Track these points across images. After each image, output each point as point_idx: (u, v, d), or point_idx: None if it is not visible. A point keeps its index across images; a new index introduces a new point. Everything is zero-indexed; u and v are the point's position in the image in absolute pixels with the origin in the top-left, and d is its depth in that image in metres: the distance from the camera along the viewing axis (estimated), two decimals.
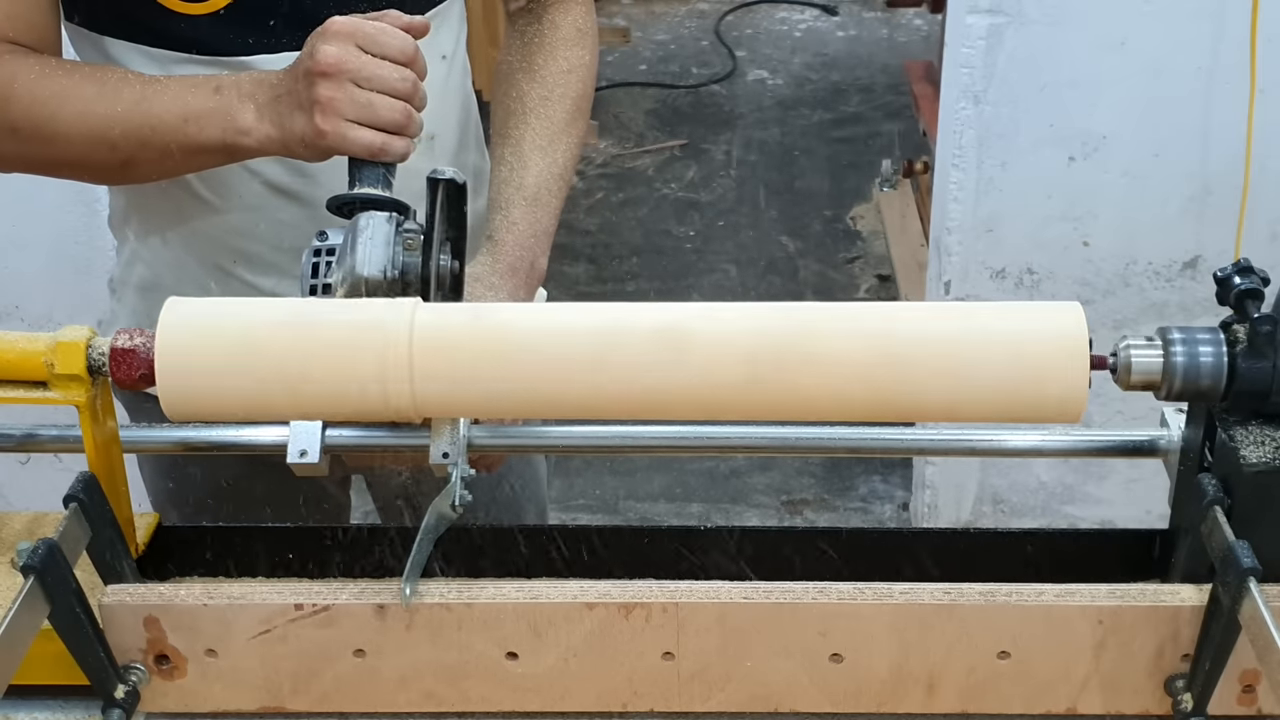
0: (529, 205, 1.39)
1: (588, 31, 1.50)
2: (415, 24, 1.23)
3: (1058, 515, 2.66)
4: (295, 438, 1.07)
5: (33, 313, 2.37)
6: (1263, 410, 0.98)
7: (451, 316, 0.98)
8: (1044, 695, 1.02)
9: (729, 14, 5.49)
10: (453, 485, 1.04)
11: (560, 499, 3.12)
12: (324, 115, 1.18)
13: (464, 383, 0.96)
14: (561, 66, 1.46)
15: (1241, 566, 0.92)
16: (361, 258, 1.12)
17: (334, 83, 1.17)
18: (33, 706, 1.06)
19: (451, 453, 1.05)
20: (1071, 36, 2.21)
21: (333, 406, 0.97)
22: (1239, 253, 2.22)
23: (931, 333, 0.95)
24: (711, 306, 0.98)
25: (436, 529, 1.05)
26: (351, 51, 1.18)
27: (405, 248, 1.13)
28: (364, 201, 1.17)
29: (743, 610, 1.00)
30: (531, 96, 1.44)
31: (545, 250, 1.41)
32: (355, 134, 1.18)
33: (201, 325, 0.97)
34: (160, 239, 1.45)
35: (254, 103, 1.22)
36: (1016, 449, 1.12)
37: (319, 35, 1.19)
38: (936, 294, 2.48)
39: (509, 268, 1.36)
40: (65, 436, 1.10)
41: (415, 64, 1.21)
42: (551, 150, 1.42)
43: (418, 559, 1.02)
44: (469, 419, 1.08)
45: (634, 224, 4.19)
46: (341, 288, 1.11)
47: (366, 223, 1.14)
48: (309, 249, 1.15)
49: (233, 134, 1.23)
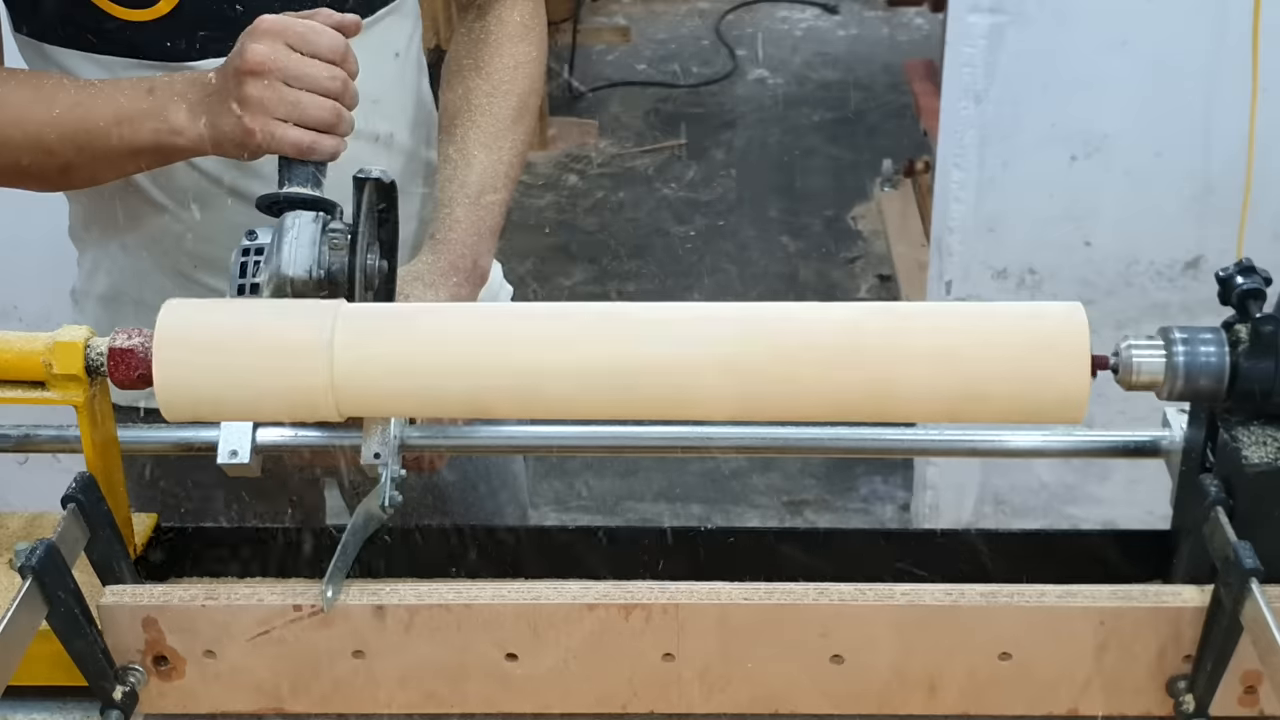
0: (472, 204, 1.38)
1: (534, 27, 1.49)
2: (346, 22, 1.22)
3: (1059, 516, 2.66)
4: (225, 438, 1.07)
5: (31, 313, 2.37)
6: (1265, 410, 0.98)
7: (373, 316, 0.98)
8: (1045, 696, 1.02)
9: (729, 13, 5.49)
10: (382, 485, 1.05)
11: (560, 499, 3.12)
12: (252, 114, 1.17)
13: (381, 381, 0.96)
14: (507, 63, 1.45)
15: (1243, 567, 0.91)
16: (287, 257, 1.11)
17: (262, 81, 1.17)
18: (31, 707, 1.06)
19: (383, 453, 1.06)
20: (1073, 36, 2.21)
21: (271, 407, 0.97)
22: (1241, 252, 2.22)
23: (932, 333, 0.95)
24: (653, 306, 0.98)
25: (365, 529, 1.05)
26: (280, 50, 1.17)
27: (331, 247, 1.12)
28: (292, 200, 1.17)
29: (743, 611, 0.99)
30: (477, 93, 1.43)
31: (490, 249, 1.40)
32: (284, 132, 1.18)
33: (200, 325, 0.97)
34: (120, 246, 1.45)
35: (186, 103, 1.22)
36: (1018, 449, 1.12)
37: (248, 34, 1.19)
38: (938, 294, 2.48)
39: (450, 266, 1.35)
40: (63, 437, 1.10)
41: (346, 62, 1.20)
42: (496, 147, 1.41)
43: (342, 560, 1.02)
44: (403, 419, 1.08)
45: (634, 224, 4.19)
46: (267, 288, 1.11)
47: (293, 222, 1.14)
48: (238, 248, 1.14)
49: (166, 134, 1.23)
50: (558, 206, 4.30)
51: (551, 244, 4.11)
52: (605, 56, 5.21)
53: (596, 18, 5.29)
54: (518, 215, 4.26)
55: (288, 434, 1.10)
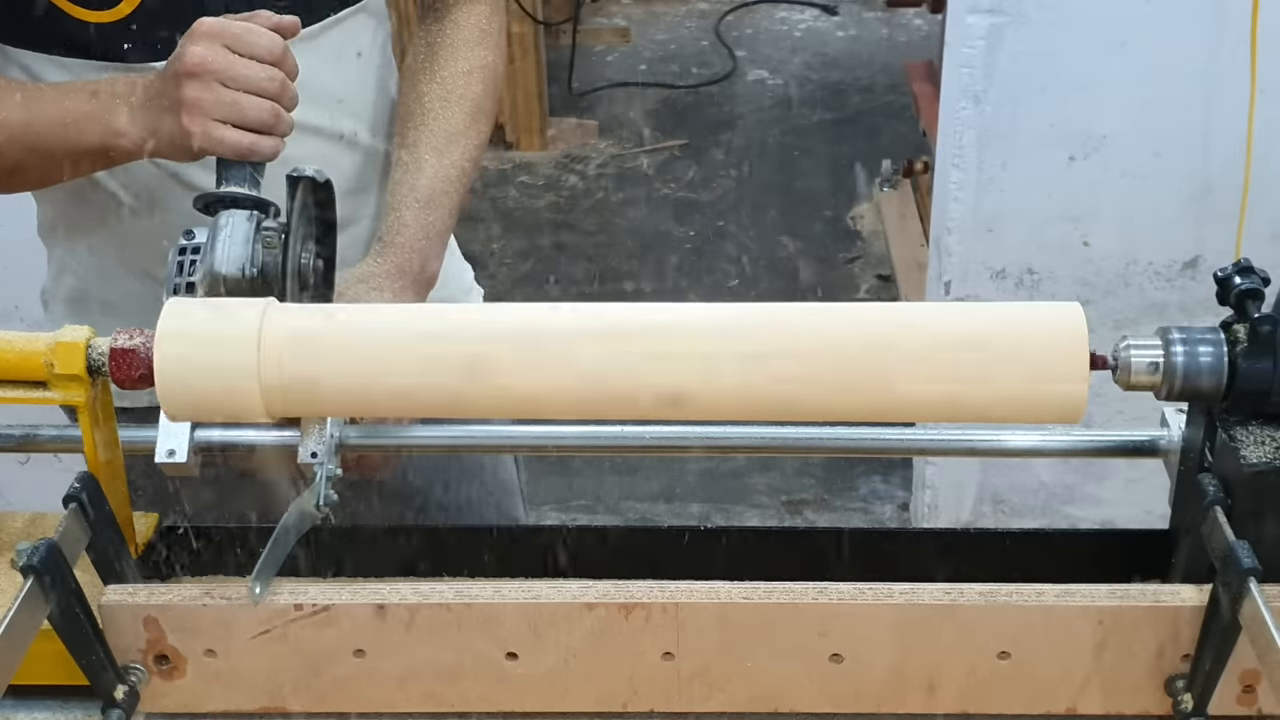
0: (422, 207, 1.38)
1: (491, 32, 1.49)
2: (284, 23, 1.23)
3: (1058, 515, 2.66)
4: (164, 437, 1.07)
5: (33, 313, 2.36)
6: (1263, 410, 0.98)
7: (300, 316, 0.98)
8: (1044, 696, 1.02)
9: (729, 14, 5.49)
10: (318, 484, 1.05)
11: (560, 499, 3.12)
12: (190, 116, 1.18)
13: (306, 382, 0.95)
14: (461, 68, 1.45)
15: (1242, 567, 0.92)
16: (220, 256, 1.12)
17: (200, 83, 1.18)
18: (32, 707, 1.06)
19: (320, 452, 1.07)
20: (1072, 36, 2.21)
21: (207, 407, 0.97)
22: (1239, 252, 2.22)
23: (931, 333, 0.95)
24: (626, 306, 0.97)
25: (298, 528, 1.05)
26: (218, 51, 1.18)
27: (265, 245, 1.13)
28: (229, 200, 1.17)
29: (743, 610, 1.00)
30: (430, 97, 1.43)
31: (439, 253, 1.40)
32: (222, 134, 1.18)
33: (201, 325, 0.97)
34: (88, 247, 1.46)
35: (128, 105, 1.23)
36: (1017, 449, 1.12)
37: (187, 37, 1.20)
38: (936, 294, 2.48)
39: (397, 269, 1.35)
40: (65, 436, 1.10)
41: (284, 63, 1.21)
42: (448, 152, 1.41)
43: (272, 556, 1.02)
44: (341, 419, 1.08)
45: (634, 224, 4.19)
46: (202, 285, 1.11)
47: (226, 220, 1.14)
48: (175, 247, 1.15)
49: (109, 136, 1.23)
50: (557, 207, 4.30)
51: (551, 244, 4.11)
52: (605, 57, 5.21)
53: (596, 18, 5.29)
54: (518, 215, 4.26)
55: (226, 434, 1.10)
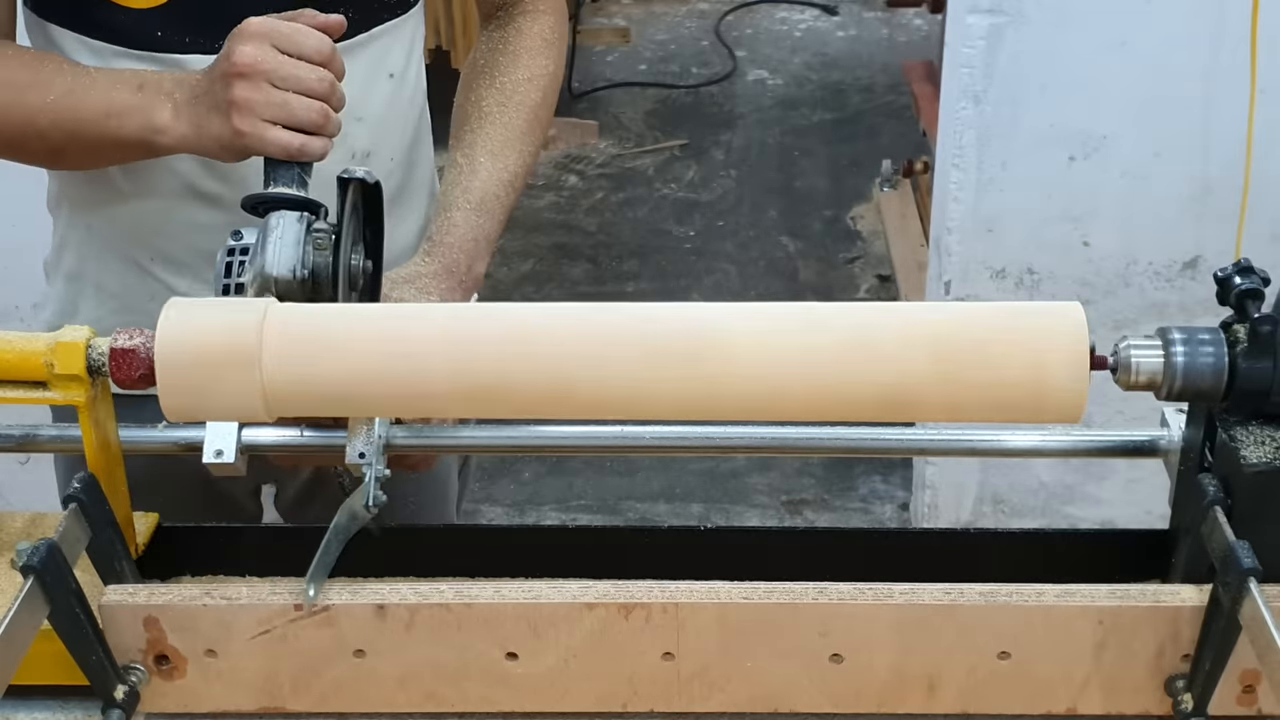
0: (473, 210, 1.38)
1: (554, 42, 1.50)
2: (330, 23, 1.23)
3: (1058, 515, 2.66)
4: (211, 438, 1.08)
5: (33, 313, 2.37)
6: (1263, 410, 0.98)
7: (300, 316, 0.98)
8: (1044, 695, 1.02)
9: (729, 14, 5.49)
10: (367, 484, 1.06)
11: (560, 499, 3.12)
12: (241, 116, 1.18)
13: (305, 381, 0.95)
14: (523, 75, 1.45)
15: (1242, 567, 0.92)
16: (271, 257, 1.12)
17: (250, 83, 1.17)
18: (32, 706, 1.06)
19: (368, 452, 1.07)
20: (1072, 36, 2.21)
21: (208, 407, 0.97)
22: (1239, 253, 2.22)
23: (931, 333, 0.95)
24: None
25: (348, 529, 1.06)
26: (267, 52, 1.18)
27: (316, 247, 1.13)
28: (278, 201, 1.17)
29: (743, 610, 1.00)
30: (489, 102, 1.44)
31: (485, 256, 1.40)
32: (273, 135, 1.18)
33: (202, 325, 0.97)
34: (86, 228, 1.46)
35: (172, 102, 1.23)
36: (1017, 449, 1.12)
37: (235, 36, 1.20)
38: (936, 294, 2.48)
39: (444, 269, 1.35)
40: (65, 436, 1.10)
41: (332, 63, 1.21)
42: (503, 156, 1.41)
43: (325, 558, 1.02)
44: (388, 419, 1.09)
45: (634, 224, 4.19)
46: (252, 287, 1.11)
47: (277, 222, 1.14)
48: (223, 248, 1.15)
49: (149, 132, 1.24)
50: (558, 207, 4.30)
51: (551, 244, 4.11)
52: (605, 57, 5.21)
53: (596, 18, 5.29)
54: (518, 215, 4.26)
55: (274, 434, 1.10)
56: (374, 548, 1.15)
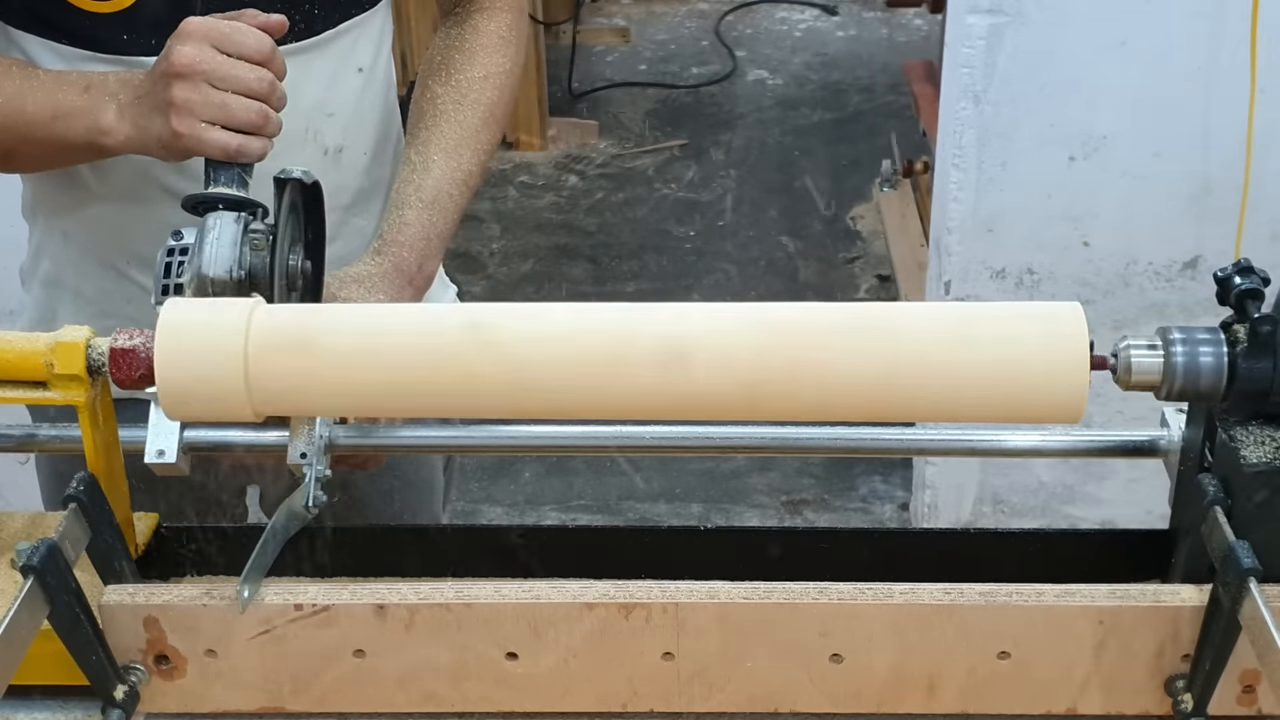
0: (425, 208, 1.38)
1: (511, 40, 1.49)
2: (271, 23, 1.22)
3: (1058, 515, 2.66)
4: (153, 437, 1.07)
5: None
6: (1263, 410, 0.98)
7: (286, 315, 0.98)
8: (1044, 695, 1.02)
9: (729, 14, 5.49)
10: (307, 485, 1.05)
11: (560, 499, 3.12)
12: (179, 117, 1.18)
13: (287, 381, 0.95)
14: (478, 73, 1.45)
15: (1242, 567, 0.92)
16: (207, 258, 1.11)
17: (189, 84, 1.17)
18: (32, 707, 1.06)
19: (309, 453, 1.06)
20: (1072, 36, 2.21)
21: (204, 408, 0.97)
22: (1239, 253, 2.22)
23: (931, 333, 0.95)
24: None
25: (286, 529, 1.05)
26: (206, 52, 1.18)
27: (253, 248, 1.12)
28: (217, 201, 1.17)
29: (742, 610, 1.00)
30: (444, 100, 1.43)
31: (437, 254, 1.39)
32: (211, 135, 1.18)
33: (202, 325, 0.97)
34: (62, 234, 1.46)
35: (117, 103, 1.23)
36: (1017, 449, 1.12)
37: (175, 36, 1.19)
38: (936, 294, 2.48)
39: (394, 268, 1.34)
40: (65, 436, 1.10)
41: (272, 63, 1.20)
42: (457, 155, 1.41)
43: (261, 559, 1.02)
44: (330, 419, 1.08)
45: (634, 224, 4.19)
46: (190, 288, 1.11)
47: (214, 222, 1.14)
48: (163, 248, 1.14)
49: (95, 133, 1.24)
50: (558, 207, 4.30)
51: (551, 244, 4.11)
52: (605, 57, 5.21)
53: (596, 18, 5.29)
54: (518, 215, 4.26)
55: (215, 434, 1.10)
56: (374, 547, 1.15)
